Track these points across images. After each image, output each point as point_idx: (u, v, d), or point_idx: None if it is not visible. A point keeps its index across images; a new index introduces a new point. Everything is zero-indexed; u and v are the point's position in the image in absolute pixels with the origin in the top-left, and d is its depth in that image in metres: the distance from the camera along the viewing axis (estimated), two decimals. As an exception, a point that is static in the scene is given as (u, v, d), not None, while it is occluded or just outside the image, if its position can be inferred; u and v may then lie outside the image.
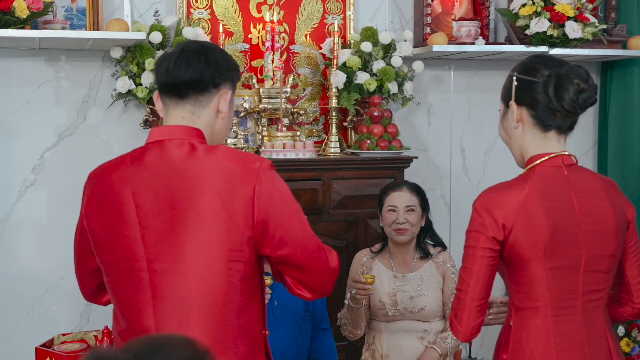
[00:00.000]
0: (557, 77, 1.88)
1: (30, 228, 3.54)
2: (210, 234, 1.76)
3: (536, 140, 1.96)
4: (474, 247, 1.92)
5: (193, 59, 1.87)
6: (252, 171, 1.79)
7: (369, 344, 3.01)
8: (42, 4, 3.06)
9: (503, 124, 2.03)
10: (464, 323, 1.93)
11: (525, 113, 1.95)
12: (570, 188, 1.93)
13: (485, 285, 1.92)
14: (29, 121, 3.50)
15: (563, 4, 3.64)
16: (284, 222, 1.80)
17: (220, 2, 3.66)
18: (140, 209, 1.80)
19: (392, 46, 3.70)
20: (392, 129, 3.62)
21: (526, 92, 1.93)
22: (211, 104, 1.89)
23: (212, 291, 1.77)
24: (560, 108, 1.89)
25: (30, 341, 3.34)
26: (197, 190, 1.77)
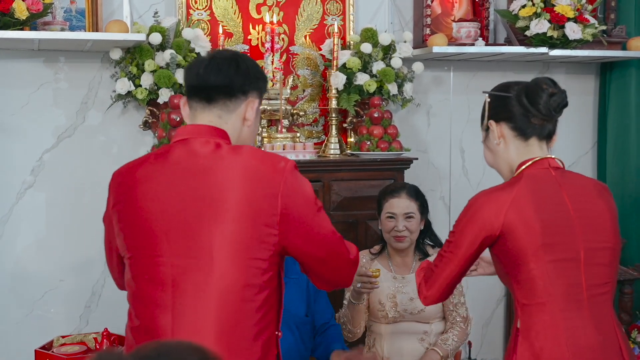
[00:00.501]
0: (526, 87, 2.03)
1: (29, 230, 3.53)
2: (233, 231, 1.80)
3: (519, 150, 2.06)
4: (460, 235, 2.02)
5: (223, 65, 1.94)
6: (277, 170, 1.83)
7: (369, 346, 3.01)
8: (41, 5, 3.05)
9: (487, 146, 2.14)
10: (432, 291, 2.09)
11: (504, 127, 2.07)
12: (560, 187, 2.01)
13: (463, 271, 2.06)
14: (28, 122, 3.48)
15: (563, 5, 3.64)
16: (307, 221, 1.85)
17: (219, 3, 3.65)
18: (165, 205, 1.84)
19: (391, 47, 3.70)
20: (392, 130, 3.62)
21: (501, 107, 2.06)
22: (238, 110, 1.94)
23: (232, 289, 1.80)
24: (536, 113, 2.02)
25: (30, 343, 3.34)
26: (221, 188, 1.81)
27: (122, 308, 1.99)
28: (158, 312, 1.84)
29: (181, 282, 1.82)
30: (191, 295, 1.80)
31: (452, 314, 2.95)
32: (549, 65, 4.20)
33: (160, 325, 1.83)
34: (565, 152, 4.30)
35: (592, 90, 4.33)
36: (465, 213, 2.03)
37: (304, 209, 1.85)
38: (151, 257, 1.85)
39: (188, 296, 1.81)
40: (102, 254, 3.56)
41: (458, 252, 2.02)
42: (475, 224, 1.98)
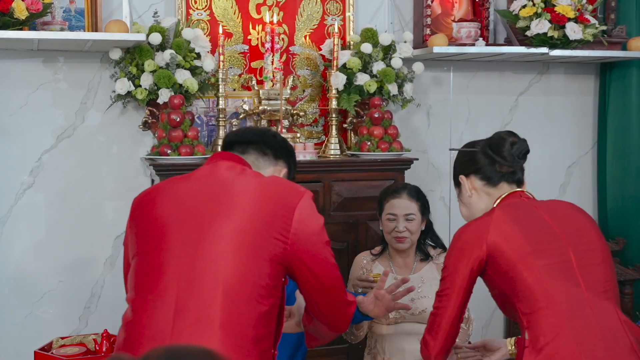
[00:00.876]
0: (489, 140, 2.23)
1: (28, 231, 3.51)
2: (243, 231, 1.84)
3: (491, 197, 2.22)
4: (454, 266, 2.10)
5: (261, 129, 2.19)
6: (297, 193, 1.92)
7: (370, 347, 2.99)
8: (41, 5, 3.04)
9: (462, 201, 2.29)
10: (438, 341, 2.13)
11: (474, 180, 2.23)
12: (536, 208, 2.14)
13: (463, 306, 2.13)
14: (27, 123, 3.47)
15: (563, 5, 3.63)
16: (316, 246, 1.92)
17: (219, 3, 3.64)
18: (179, 206, 1.91)
19: (392, 47, 3.69)
20: (392, 131, 3.61)
21: (469, 162, 2.25)
22: (268, 169, 2.09)
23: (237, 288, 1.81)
24: (501, 161, 2.17)
25: (29, 345, 3.32)
26: (238, 195, 1.88)
27: (121, 309, 1.98)
28: (159, 307, 1.82)
29: (185, 277, 1.82)
30: (196, 292, 1.80)
31: (453, 314, 2.94)
32: (548, 65, 4.20)
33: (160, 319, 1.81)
34: (565, 152, 4.30)
35: (592, 90, 4.33)
36: (452, 248, 2.14)
37: (315, 235, 1.91)
38: (158, 251, 1.88)
39: (192, 292, 1.80)
40: (102, 254, 3.59)
41: (454, 287, 2.10)
42: (463, 254, 2.08)
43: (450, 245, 2.15)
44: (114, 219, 3.58)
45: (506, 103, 4.20)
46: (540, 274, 1.98)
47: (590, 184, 4.37)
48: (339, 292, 2.01)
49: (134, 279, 1.92)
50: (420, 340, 2.20)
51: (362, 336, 2.93)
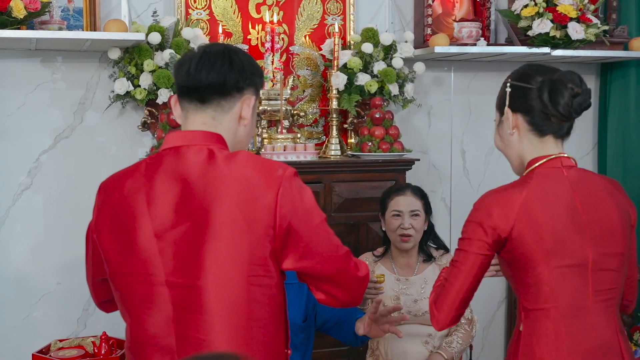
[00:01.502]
0: (550, 82, 1.92)
1: (26, 232, 3.49)
2: (229, 246, 1.68)
3: (533, 146, 1.99)
4: (469, 240, 1.94)
5: (216, 61, 1.80)
6: (274, 179, 1.71)
7: (373, 349, 2.98)
8: (39, 4, 3.01)
9: (499, 132, 2.05)
10: (443, 312, 1.97)
11: (520, 119, 1.97)
12: (571, 188, 1.94)
13: (474, 282, 1.96)
14: (25, 123, 3.44)
15: (565, 4, 3.61)
16: (308, 233, 1.73)
17: (219, 3, 3.61)
18: (156, 219, 1.73)
19: (393, 47, 3.67)
20: (393, 131, 3.59)
21: (520, 98, 1.96)
22: (233, 110, 1.82)
23: (234, 307, 1.70)
24: (555, 113, 1.92)
25: (27, 347, 3.30)
26: (215, 200, 1.69)
27: (120, 311, 1.95)
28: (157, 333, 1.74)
29: (181, 301, 1.71)
30: (194, 314, 1.70)
31: (455, 316, 2.92)
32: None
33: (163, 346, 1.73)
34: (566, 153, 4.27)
35: (593, 90, 4.31)
36: (473, 215, 1.95)
37: (304, 220, 1.72)
38: (142, 275, 1.74)
39: (191, 315, 1.71)
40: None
41: (468, 259, 1.93)
42: (482, 227, 1.91)
43: (472, 212, 1.96)
44: (112, 220, 3.55)
45: (507, 103, 4.18)
46: (553, 275, 1.89)
47: (591, 184, 4.35)
48: (349, 275, 1.82)
49: (125, 310, 1.80)
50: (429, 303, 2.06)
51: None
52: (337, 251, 1.80)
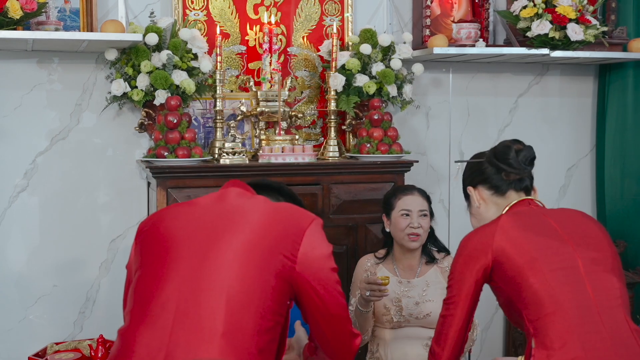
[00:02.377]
0: (495, 149, 2.24)
1: (21, 234, 3.46)
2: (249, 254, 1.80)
3: (499, 205, 2.23)
4: (461, 274, 2.09)
5: (278, 183, 2.28)
6: (308, 218, 1.89)
7: (373, 352, 2.96)
8: (35, 4, 2.99)
9: (471, 212, 2.32)
10: (446, 351, 2.11)
11: (481, 190, 2.26)
12: (544, 215, 2.13)
13: (470, 314, 2.12)
14: (21, 125, 3.42)
15: (564, 6, 3.61)
16: (324, 269, 1.87)
17: (216, 4, 3.60)
18: (184, 225, 1.88)
19: (391, 48, 3.65)
20: (392, 133, 3.57)
21: (476, 173, 2.28)
22: None
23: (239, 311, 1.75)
24: (508, 169, 2.18)
25: (23, 350, 3.31)
26: (249, 218, 1.86)
27: (117, 313, 1.94)
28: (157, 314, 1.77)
29: (188, 286, 1.78)
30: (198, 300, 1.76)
31: (455, 319, 2.91)
32: (548, 66, 4.17)
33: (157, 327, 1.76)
34: (564, 154, 4.27)
35: (591, 92, 4.30)
36: (458, 255, 2.12)
37: (323, 259, 1.87)
38: (162, 263, 1.84)
39: (194, 301, 1.76)
40: (97, 258, 3.55)
41: (461, 295, 2.09)
42: (469, 261, 2.07)
43: (457, 252, 2.13)
44: (109, 222, 3.53)
45: (505, 105, 4.18)
46: (547, 280, 1.95)
47: (589, 186, 4.35)
48: (345, 322, 1.97)
49: (134, 290, 1.86)
50: (429, 350, 2.17)
51: (367, 340, 2.91)
52: (342, 299, 1.95)
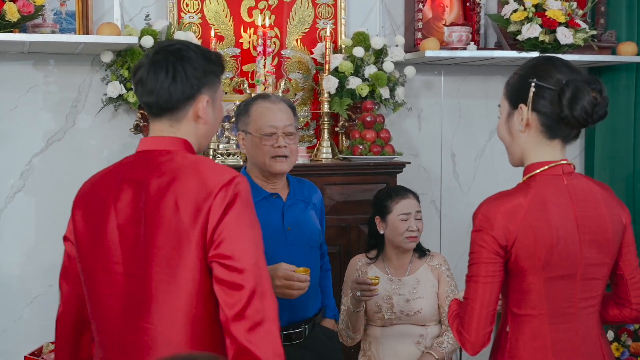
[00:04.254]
0: (574, 87, 1.87)
1: (17, 234, 3.49)
2: (169, 244, 1.75)
3: (540, 147, 1.96)
4: (478, 251, 1.90)
5: (160, 74, 1.84)
6: (216, 184, 1.76)
7: (365, 350, 3.00)
8: (32, 7, 3.02)
9: (508, 123, 1.99)
10: (473, 332, 1.90)
11: (534, 118, 1.92)
12: (569, 198, 1.93)
13: (495, 293, 1.91)
14: (17, 126, 3.45)
15: (554, 9, 3.66)
16: (239, 244, 1.74)
17: (211, 7, 3.64)
18: (119, 213, 1.82)
19: (383, 51, 3.70)
20: (384, 135, 3.62)
21: (540, 98, 1.90)
22: (188, 115, 1.88)
23: (183, 299, 1.75)
24: (572, 119, 1.88)
25: (19, 350, 3.31)
26: (163, 201, 1.77)
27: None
28: (110, 316, 1.82)
29: (134, 291, 1.79)
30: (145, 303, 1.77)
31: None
32: (538, 69, 4.22)
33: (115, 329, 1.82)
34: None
35: (581, 94, 4.35)
36: (478, 225, 1.92)
37: (236, 230, 1.74)
38: (106, 263, 1.83)
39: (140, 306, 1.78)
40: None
41: (481, 270, 1.90)
42: (490, 235, 1.88)
43: (476, 222, 1.91)
44: (104, 223, 3.56)
45: (496, 107, 4.20)
46: (543, 285, 1.90)
47: (579, 187, 4.39)
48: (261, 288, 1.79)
49: (87, 286, 1.90)
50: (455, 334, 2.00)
51: (358, 339, 2.94)
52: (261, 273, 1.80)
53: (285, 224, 2.61)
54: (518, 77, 1.97)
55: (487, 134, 4.20)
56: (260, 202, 2.54)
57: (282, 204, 2.63)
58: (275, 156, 2.56)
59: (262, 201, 2.59)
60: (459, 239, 4.18)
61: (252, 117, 2.59)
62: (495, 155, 4.20)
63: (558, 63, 1.95)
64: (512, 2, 3.71)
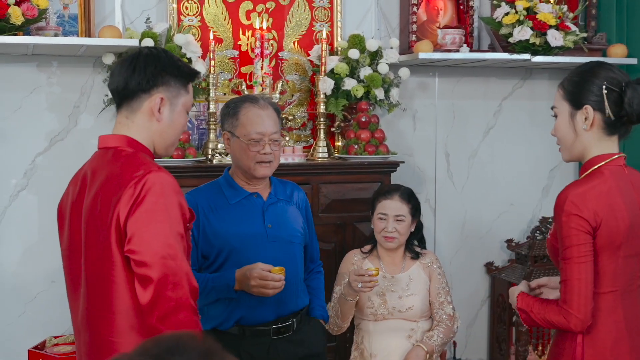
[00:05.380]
0: (632, 88, 2.08)
1: (21, 231, 3.57)
2: (96, 240, 1.90)
3: (601, 143, 2.14)
4: (572, 237, 2.04)
5: (123, 67, 2.01)
6: (127, 180, 1.87)
7: (358, 343, 3.08)
8: (36, 11, 3.10)
9: (573, 123, 2.16)
10: (582, 309, 2.03)
11: (598, 117, 2.12)
12: (632, 185, 2.15)
13: (590, 271, 2.05)
14: (21, 126, 3.53)
15: (545, 12, 3.73)
16: (144, 238, 1.84)
17: (210, 10, 3.72)
18: (72, 209, 2.01)
19: (378, 53, 3.78)
20: (379, 135, 3.70)
21: (608, 101, 2.10)
22: (142, 108, 2.00)
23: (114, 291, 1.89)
24: (632, 116, 2.09)
25: (22, 344, 3.39)
26: (93, 197, 1.92)
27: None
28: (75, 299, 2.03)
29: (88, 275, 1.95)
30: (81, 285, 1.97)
31: (438, 312, 3.03)
32: (532, 71, 4.30)
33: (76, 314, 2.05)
34: (547, 156, 4.39)
35: (574, 95, 4.41)
36: (567, 212, 2.05)
37: (144, 221, 1.84)
38: (65, 252, 2.06)
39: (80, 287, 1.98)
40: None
41: (580, 250, 2.04)
42: (582, 218, 2.03)
43: (566, 209, 2.05)
44: (106, 221, 3.63)
45: (490, 107, 4.30)
46: (618, 264, 2.08)
47: (572, 187, 4.46)
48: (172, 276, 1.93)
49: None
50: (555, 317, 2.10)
51: (345, 327, 2.99)
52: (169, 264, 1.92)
53: (266, 221, 2.66)
54: (579, 81, 2.16)
55: (481, 134, 4.27)
56: (241, 202, 2.66)
57: (263, 203, 2.68)
58: (260, 161, 2.63)
59: (243, 201, 2.67)
60: (452, 237, 4.27)
61: (241, 121, 2.63)
62: (489, 155, 4.29)
63: (614, 68, 2.17)
64: (504, 5, 3.78)
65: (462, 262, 4.29)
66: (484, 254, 4.32)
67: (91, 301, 1.95)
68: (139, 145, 2.00)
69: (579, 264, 2.04)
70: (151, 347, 1.04)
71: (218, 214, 2.65)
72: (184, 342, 1.05)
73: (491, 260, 4.31)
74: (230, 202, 2.66)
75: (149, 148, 2.02)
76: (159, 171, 1.89)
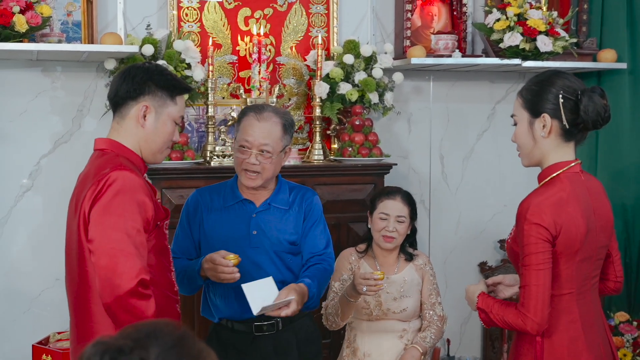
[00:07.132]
0: (587, 96, 2.13)
1: (26, 230, 3.67)
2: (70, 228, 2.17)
3: (559, 149, 2.20)
4: (532, 245, 2.10)
5: (118, 77, 2.26)
6: (93, 177, 2.09)
7: (350, 341, 3.12)
8: (40, 18, 3.20)
9: (531, 131, 2.21)
10: (539, 314, 2.10)
11: (555, 125, 2.18)
12: (587, 191, 2.20)
13: (549, 277, 2.11)
14: (26, 129, 3.63)
15: (535, 19, 3.81)
16: (98, 229, 2.04)
17: (209, 16, 3.82)
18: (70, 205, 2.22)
19: (373, 58, 3.87)
20: (372, 137, 3.79)
21: (564, 109, 2.16)
22: (130, 115, 2.20)
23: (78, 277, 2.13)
24: (589, 123, 2.14)
25: (27, 339, 3.47)
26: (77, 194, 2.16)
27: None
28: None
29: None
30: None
31: (429, 312, 3.09)
32: (524, 75, 4.37)
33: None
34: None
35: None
36: (529, 220, 2.10)
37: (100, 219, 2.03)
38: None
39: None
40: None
41: (538, 258, 2.10)
42: (542, 226, 2.08)
43: (528, 217, 2.10)
44: (108, 221, 3.73)
45: (484, 111, 4.38)
46: (575, 267, 2.15)
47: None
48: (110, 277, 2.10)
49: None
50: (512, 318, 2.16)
51: (342, 325, 3.00)
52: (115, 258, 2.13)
53: (252, 227, 2.70)
54: (537, 90, 2.22)
55: (475, 137, 4.35)
56: (233, 206, 2.72)
57: (253, 209, 2.71)
58: (245, 169, 2.66)
59: (236, 205, 2.72)
60: (447, 237, 4.35)
61: (239, 128, 2.70)
62: (483, 157, 4.36)
63: (570, 76, 2.22)
64: (495, 11, 3.87)
65: (456, 261, 4.37)
66: (477, 254, 4.40)
67: (73, 291, 2.14)
68: (122, 148, 2.18)
69: (537, 271, 2.10)
70: (132, 332, 1.16)
71: (213, 214, 2.73)
72: (161, 329, 1.17)
73: (484, 260, 4.39)
74: (226, 204, 2.74)
75: (136, 153, 2.20)
76: (123, 170, 2.07)
